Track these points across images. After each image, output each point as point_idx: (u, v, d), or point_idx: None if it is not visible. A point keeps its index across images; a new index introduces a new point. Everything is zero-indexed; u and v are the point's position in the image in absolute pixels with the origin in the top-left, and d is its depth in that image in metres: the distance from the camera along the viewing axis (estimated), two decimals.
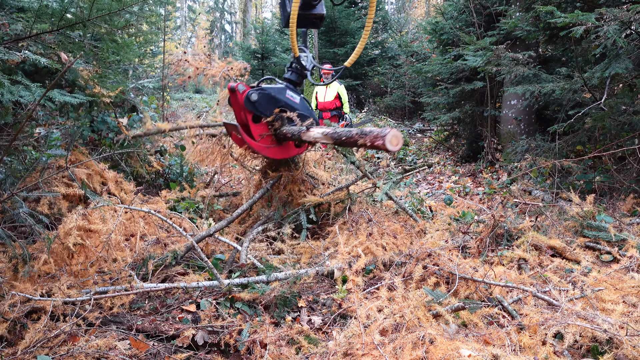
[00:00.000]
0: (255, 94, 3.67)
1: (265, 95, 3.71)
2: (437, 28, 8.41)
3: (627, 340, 2.30)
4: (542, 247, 3.67)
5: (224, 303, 2.81)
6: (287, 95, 3.82)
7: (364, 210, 4.07)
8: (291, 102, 3.82)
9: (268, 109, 3.73)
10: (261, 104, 3.69)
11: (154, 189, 4.94)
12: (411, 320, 2.57)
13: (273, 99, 3.74)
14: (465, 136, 8.58)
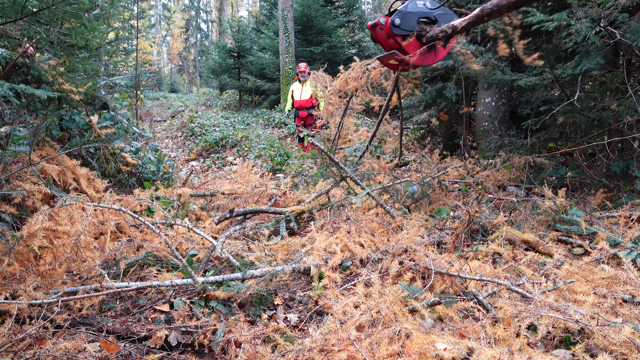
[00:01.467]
0: (397, 17, 4.12)
1: (404, 14, 4.13)
2: None
3: (598, 330, 2.34)
4: (516, 241, 3.71)
5: (198, 302, 2.76)
6: (419, 5, 4.23)
7: (342, 210, 4.06)
8: (424, 9, 4.23)
9: (411, 25, 4.15)
10: (404, 23, 4.12)
11: (127, 188, 4.83)
12: (387, 315, 2.56)
13: (411, 14, 4.16)
14: (441, 134, 8.66)
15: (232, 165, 7.88)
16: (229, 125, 11.62)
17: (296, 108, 9.11)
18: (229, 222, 4.26)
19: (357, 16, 18.56)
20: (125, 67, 12.64)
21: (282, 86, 14.29)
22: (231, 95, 21.21)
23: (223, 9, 30.65)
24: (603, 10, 3.73)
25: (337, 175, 4.07)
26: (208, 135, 10.07)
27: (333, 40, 15.12)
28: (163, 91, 30.18)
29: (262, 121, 13.55)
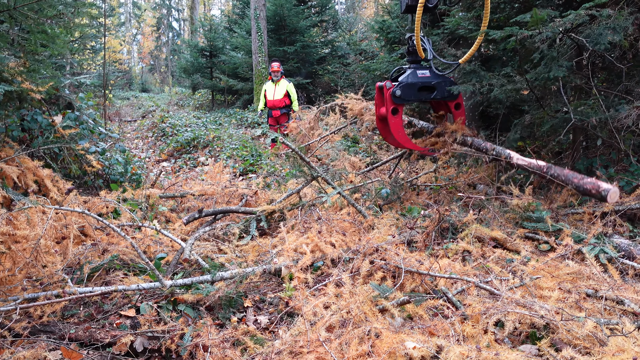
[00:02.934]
0: (398, 89, 4.41)
1: (404, 86, 4.44)
2: (384, 27, 8.51)
3: (562, 325, 2.39)
4: (485, 238, 3.77)
5: (165, 306, 2.71)
6: (420, 74, 4.53)
7: (313, 209, 4.05)
8: (424, 78, 4.54)
9: (410, 94, 4.49)
10: (404, 93, 4.45)
11: (93, 190, 4.71)
12: (358, 315, 2.56)
13: (411, 85, 4.48)
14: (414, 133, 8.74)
15: (203, 166, 7.78)
16: (201, 125, 11.48)
17: (269, 108, 9.06)
18: (199, 224, 4.19)
19: (330, 16, 18.58)
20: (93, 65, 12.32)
21: (255, 86, 14.19)
22: (204, 95, 20.96)
23: (195, 7, 30.25)
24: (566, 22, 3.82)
25: (308, 175, 4.06)
26: (179, 135, 9.92)
27: (306, 39, 15.08)
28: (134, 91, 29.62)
29: (234, 121, 13.43)
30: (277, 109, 8.95)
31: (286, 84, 8.95)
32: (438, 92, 4.58)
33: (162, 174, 6.82)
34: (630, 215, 4.11)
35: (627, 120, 4.00)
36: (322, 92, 15.85)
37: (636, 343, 2.26)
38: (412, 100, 4.58)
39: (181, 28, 43.22)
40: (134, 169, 5.09)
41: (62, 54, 3.89)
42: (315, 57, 15.62)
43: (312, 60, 15.50)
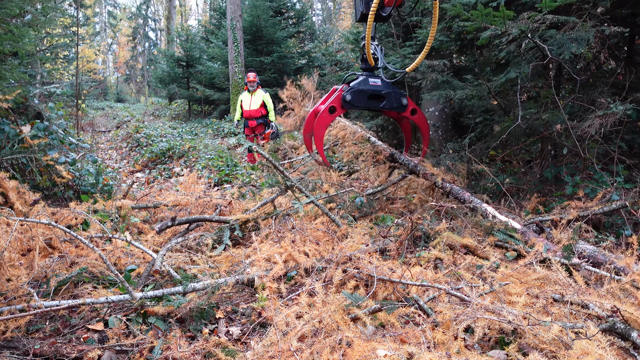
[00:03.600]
0: (348, 94, 4.44)
1: (355, 92, 4.47)
2: (359, 38, 8.62)
3: (530, 329, 2.44)
4: (456, 246, 3.82)
5: (135, 319, 2.66)
6: (371, 82, 4.55)
7: (287, 219, 4.05)
8: (375, 87, 4.56)
9: (361, 101, 4.49)
10: (354, 99, 4.47)
11: (63, 201, 4.62)
12: (329, 324, 2.56)
13: (362, 92, 4.49)
14: (388, 143, 8.83)
15: (178, 177, 7.71)
16: (177, 136, 11.38)
17: (245, 118, 9.04)
18: (171, 234, 4.15)
19: (306, 27, 18.72)
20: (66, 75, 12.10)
21: (232, 96, 14.16)
22: (180, 105, 20.81)
23: (172, 17, 30.10)
24: (532, 23, 3.94)
25: (283, 184, 4.06)
26: (154, 145, 9.81)
27: (283, 50, 15.15)
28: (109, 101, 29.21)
29: (211, 131, 13.36)
30: (254, 119, 8.94)
31: (262, 94, 8.96)
32: (387, 102, 4.60)
33: (136, 185, 6.74)
34: (595, 221, 4.23)
35: (590, 129, 4.13)
36: None
37: (600, 346, 2.32)
38: (360, 107, 4.60)
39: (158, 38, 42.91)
40: (105, 180, 5.01)
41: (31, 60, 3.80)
42: (292, 67, 15.70)
43: (289, 71, 15.56)
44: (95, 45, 33.86)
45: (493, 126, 5.02)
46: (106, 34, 42.26)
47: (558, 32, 4.30)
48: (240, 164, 8.48)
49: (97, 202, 4.32)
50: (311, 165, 6.47)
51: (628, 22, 4.81)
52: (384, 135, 9.13)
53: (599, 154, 4.70)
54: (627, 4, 4.39)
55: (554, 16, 4.13)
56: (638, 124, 5.05)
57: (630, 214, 4.04)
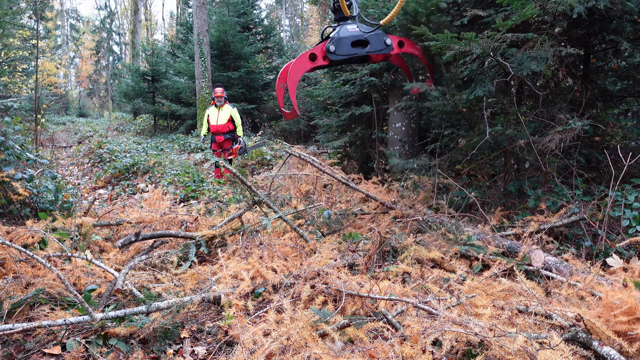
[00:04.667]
0: (332, 44, 4.28)
1: (337, 40, 4.29)
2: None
3: (495, 341, 2.46)
4: (424, 260, 3.85)
5: (95, 341, 2.55)
6: (350, 29, 4.40)
7: (255, 235, 4.00)
8: (356, 32, 4.39)
9: (344, 49, 4.32)
10: (339, 49, 4.30)
11: (20, 219, 4.42)
12: (298, 341, 2.53)
13: (344, 40, 4.30)
14: (356, 157, 8.90)
15: (143, 193, 7.52)
16: (141, 151, 11.14)
17: (212, 133, 8.93)
18: (135, 252, 4.02)
19: (274, 43, 18.81)
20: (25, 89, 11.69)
21: (199, 111, 14.02)
22: (145, 120, 20.44)
23: (137, 31, 29.70)
24: (493, 42, 4.07)
25: (250, 199, 4.02)
26: (118, 161, 9.56)
27: (250, 65, 15.14)
28: (70, 115, 28.44)
29: (177, 146, 13.15)
30: (221, 134, 8.85)
31: (230, 109, 8.89)
32: (372, 45, 4.46)
33: (98, 202, 6.54)
34: (557, 233, 4.35)
35: (551, 144, 4.27)
36: (267, 118, 15.90)
37: (563, 355, 2.36)
38: (346, 57, 4.42)
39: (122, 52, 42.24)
40: (65, 197, 4.83)
41: None
42: (260, 82, 15.70)
43: (256, 86, 15.55)
44: (56, 59, 33.02)
45: (458, 140, 5.13)
46: (68, 48, 41.31)
47: (518, 50, 4.46)
48: (207, 180, 8.35)
49: (56, 220, 4.16)
50: (280, 182, 6.44)
51: (583, 42, 5.03)
52: (352, 151, 9.21)
53: (559, 167, 4.85)
54: (582, 25, 4.60)
55: (514, 34, 4.28)
56: (595, 139, 5.26)
57: (589, 226, 4.18)
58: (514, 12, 4.30)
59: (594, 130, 4.86)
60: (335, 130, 9.04)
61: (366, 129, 8.24)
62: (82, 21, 43.28)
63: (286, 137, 14.59)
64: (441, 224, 4.60)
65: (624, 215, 4.00)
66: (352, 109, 7.83)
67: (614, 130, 5.26)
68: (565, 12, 4.21)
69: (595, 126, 4.82)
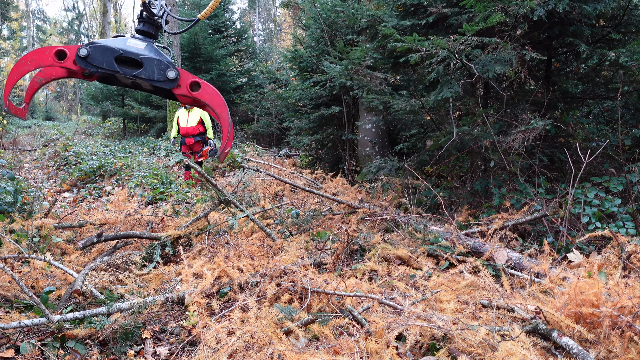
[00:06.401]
0: (85, 48, 3.09)
1: (97, 47, 3.12)
2: (297, 56, 8.72)
3: (458, 334, 2.49)
4: (391, 257, 3.88)
5: (51, 343, 2.47)
6: (128, 43, 3.23)
7: (221, 234, 3.95)
8: (131, 48, 3.21)
9: (104, 61, 3.13)
10: (94, 57, 3.11)
11: None
12: (262, 339, 2.50)
13: (108, 50, 3.13)
14: (327, 159, 8.93)
15: (110, 196, 7.35)
16: (109, 154, 10.90)
17: (182, 135, 8.81)
18: (97, 254, 3.92)
19: (246, 46, 18.73)
20: None
21: (169, 113, 13.83)
22: (115, 123, 20.03)
23: (106, 33, 29.11)
24: (458, 44, 4.15)
25: (216, 198, 3.97)
26: (84, 164, 9.33)
27: (222, 68, 15.03)
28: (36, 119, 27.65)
29: (147, 149, 12.93)
30: (191, 136, 8.73)
31: (200, 111, 8.78)
32: (146, 70, 3.19)
33: (60, 204, 6.35)
34: (521, 230, 4.45)
35: (514, 143, 4.36)
36: (239, 121, 15.80)
37: (524, 346, 2.40)
38: (101, 70, 3.15)
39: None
40: (25, 199, 4.68)
41: None
42: (231, 85, 15.59)
43: (228, 89, 15.44)
44: None
45: (425, 140, 5.20)
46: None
47: (483, 52, 4.55)
48: (175, 182, 8.23)
49: (14, 222, 4.02)
50: (248, 181, 6.39)
51: (545, 45, 5.17)
52: (323, 153, 9.23)
53: (523, 167, 4.96)
54: (543, 27, 4.73)
55: (478, 38, 4.37)
56: (558, 140, 5.41)
57: (552, 223, 4.29)
58: (477, 14, 4.39)
59: (557, 130, 5.00)
60: (307, 133, 9.06)
61: (337, 130, 8.28)
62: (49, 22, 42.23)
63: (258, 139, 14.54)
64: (409, 223, 4.64)
65: (583, 212, 4.11)
66: (321, 109, 7.86)
67: (575, 131, 5.42)
68: (527, 15, 4.31)
69: (558, 127, 4.95)
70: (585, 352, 2.31)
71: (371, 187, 6.44)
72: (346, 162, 7.92)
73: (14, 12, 27.42)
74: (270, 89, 12.79)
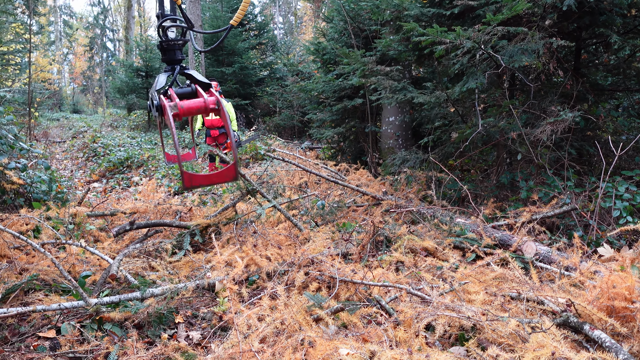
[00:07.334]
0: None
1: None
2: (320, 48, 8.72)
3: (488, 325, 2.49)
4: (417, 249, 3.88)
5: (90, 325, 2.56)
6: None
7: (249, 223, 4.01)
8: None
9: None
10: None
11: (13, 209, 4.41)
12: (292, 325, 2.54)
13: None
14: (349, 152, 8.93)
15: (137, 186, 7.51)
16: (135, 145, 11.11)
17: (207, 127, 8.91)
18: (129, 241, 4.03)
19: (268, 39, 18.78)
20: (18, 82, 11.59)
21: None
22: (140, 116, 20.34)
23: (130, 28, 29.55)
24: (483, 35, 4.10)
25: (244, 189, 4.03)
26: (112, 155, 9.53)
27: (244, 61, 15.11)
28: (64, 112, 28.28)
29: (171, 141, 13.11)
30: (216, 128, 8.83)
31: (224, 103, 8.87)
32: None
33: (92, 194, 6.52)
34: (549, 224, 4.40)
35: (542, 136, 4.31)
36: (261, 114, 15.88)
37: (555, 339, 2.39)
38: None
39: (116, 48, 41.95)
40: (59, 188, 4.82)
41: None
42: (254, 78, 15.67)
43: (250, 82, 15.52)
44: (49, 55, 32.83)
45: (451, 133, 5.16)
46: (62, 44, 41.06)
47: (509, 43, 4.49)
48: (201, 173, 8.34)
49: (50, 210, 4.15)
50: (274, 173, 6.45)
51: (574, 36, 5.07)
52: (345, 145, 9.23)
53: (551, 160, 4.90)
54: (572, 17, 4.64)
55: (504, 28, 4.31)
56: (587, 134, 5.31)
57: (581, 216, 4.23)
58: (504, 5, 4.33)
59: (586, 123, 4.91)
60: (329, 125, 9.07)
61: (359, 123, 8.27)
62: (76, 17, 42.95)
63: (280, 132, 14.59)
64: (434, 215, 4.63)
65: (614, 205, 4.05)
66: (344, 102, 7.85)
67: (605, 124, 5.32)
68: (555, 5, 4.24)
69: (587, 119, 4.87)
70: (618, 345, 2.30)
71: (395, 180, 6.43)
72: (369, 154, 7.91)
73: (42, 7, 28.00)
74: (293, 81, 12.81)
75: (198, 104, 2.74)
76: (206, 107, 2.77)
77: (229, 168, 2.96)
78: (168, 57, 2.99)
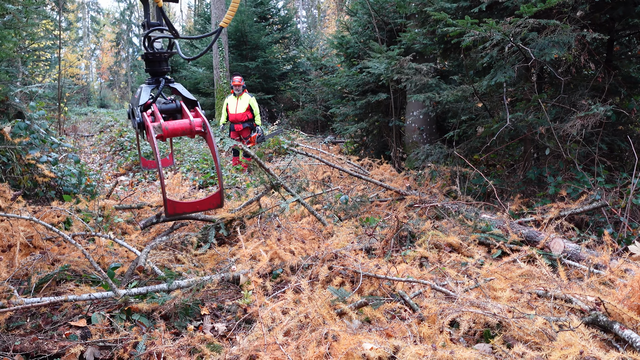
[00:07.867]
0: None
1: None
2: (344, 42, 8.68)
3: (514, 322, 2.46)
4: (441, 245, 3.85)
5: (119, 315, 2.62)
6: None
7: (272, 217, 4.04)
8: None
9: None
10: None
11: (45, 201, 4.54)
12: (315, 319, 2.56)
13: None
14: (372, 146, 8.89)
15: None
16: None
17: (231, 122, 9.00)
18: (155, 234, 4.10)
19: (291, 33, 18.80)
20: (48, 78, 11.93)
21: (217, 100, 14.12)
22: None
23: None
24: (514, 27, 4.02)
25: (268, 183, 4.05)
26: None
27: (267, 55, 15.17)
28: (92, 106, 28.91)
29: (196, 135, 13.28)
30: (240, 122, 8.91)
31: (248, 97, 8.93)
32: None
33: (119, 187, 6.66)
34: (578, 220, 4.31)
35: (572, 130, 4.21)
36: (284, 108, 15.93)
37: (583, 338, 2.35)
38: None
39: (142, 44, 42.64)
40: (88, 181, 4.94)
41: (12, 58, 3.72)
42: (277, 72, 15.73)
43: (273, 76, 15.58)
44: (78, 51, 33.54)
45: (477, 127, 5.09)
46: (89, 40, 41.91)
47: (539, 35, 4.39)
48: (225, 167, 8.44)
49: (79, 202, 4.25)
50: (297, 168, 6.47)
51: (607, 28, 4.93)
52: (368, 140, 9.20)
53: (581, 155, 4.78)
54: (605, 8, 4.51)
55: (535, 20, 4.21)
56: (619, 128, 5.17)
57: (612, 213, 4.12)
58: None
59: (617, 117, 4.78)
60: (352, 119, 9.04)
61: (383, 117, 8.22)
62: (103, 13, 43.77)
63: (303, 126, 14.62)
64: (459, 210, 4.58)
65: None
66: (368, 96, 7.81)
67: (638, 118, 5.16)
68: None
69: (619, 113, 4.73)
70: None
71: (419, 175, 6.38)
72: (392, 149, 7.86)
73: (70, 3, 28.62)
74: (316, 75, 12.81)
75: (183, 125, 2.72)
76: (191, 130, 2.75)
77: (215, 195, 2.88)
78: (153, 69, 2.95)
